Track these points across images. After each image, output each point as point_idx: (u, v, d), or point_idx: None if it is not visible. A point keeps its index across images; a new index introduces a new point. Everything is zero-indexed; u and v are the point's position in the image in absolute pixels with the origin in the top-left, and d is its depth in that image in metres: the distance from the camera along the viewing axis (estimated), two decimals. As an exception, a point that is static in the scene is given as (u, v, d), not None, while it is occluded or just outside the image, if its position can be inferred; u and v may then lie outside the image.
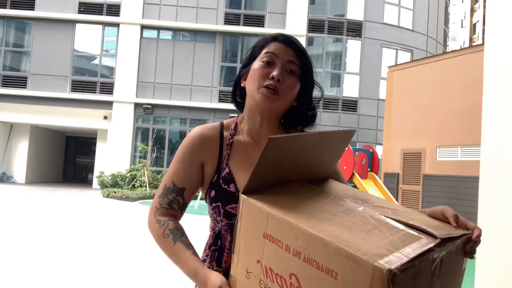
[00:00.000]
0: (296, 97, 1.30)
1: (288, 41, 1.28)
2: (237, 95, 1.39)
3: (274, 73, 1.23)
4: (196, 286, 1.27)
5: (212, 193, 1.26)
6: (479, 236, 0.95)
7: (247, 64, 1.33)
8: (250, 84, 1.27)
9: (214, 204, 1.25)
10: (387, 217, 0.92)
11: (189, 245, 1.19)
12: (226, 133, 1.33)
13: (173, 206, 1.27)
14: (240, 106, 1.38)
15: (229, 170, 1.27)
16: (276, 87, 1.23)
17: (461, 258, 0.94)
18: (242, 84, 1.33)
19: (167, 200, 1.26)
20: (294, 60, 1.26)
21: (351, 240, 0.82)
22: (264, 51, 1.28)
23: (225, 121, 1.37)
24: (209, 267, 1.21)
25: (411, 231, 0.87)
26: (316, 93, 1.37)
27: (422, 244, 0.82)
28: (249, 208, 0.98)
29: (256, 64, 1.27)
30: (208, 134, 1.31)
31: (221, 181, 1.26)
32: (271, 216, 0.93)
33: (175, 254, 1.19)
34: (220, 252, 1.23)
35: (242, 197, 1.00)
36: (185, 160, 1.29)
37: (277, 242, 0.91)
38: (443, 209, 0.99)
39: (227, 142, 1.31)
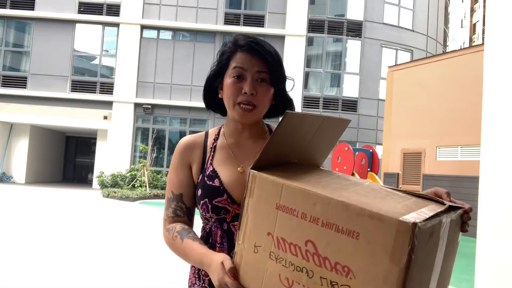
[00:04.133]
0: (272, 98, 1.34)
1: (252, 49, 1.28)
2: (213, 104, 1.42)
3: (246, 88, 1.26)
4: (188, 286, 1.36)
5: (199, 192, 1.31)
6: (471, 209, 1.00)
7: (217, 72, 1.35)
8: (226, 100, 1.32)
9: (202, 202, 1.30)
10: (392, 189, 0.97)
11: (196, 239, 1.25)
12: (210, 139, 1.41)
13: (177, 213, 1.34)
14: (220, 112, 1.43)
15: (212, 168, 1.33)
16: (250, 102, 1.27)
17: (457, 230, 0.98)
18: (219, 95, 1.36)
19: (171, 209, 1.35)
20: (262, 69, 1.28)
21: (370, 202, 0.86)
22: (232, 65, 1.30)
23: (210, 130, 1.45)
24: None
25: (420, 199, 0.93)
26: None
27: (434, 208, 0.88)
28: (260, 182, 1.01)
29: (227, 79, 1.30)
30: (192, 141, 1.40)
31: (205, 179, 1.32)
32: (285, 186, 0.96)
33: (184, 250, 1.24)
34: (211, 248, 1.27)
35: (253, 172, 1.03)
36: (176, 168, 1.38)
37: (291, 212, 0.94)
38: (435, 189, 1.03)
39: (211, 146, 1.39)
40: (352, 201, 0.86)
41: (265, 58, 1.28)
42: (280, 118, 1.38)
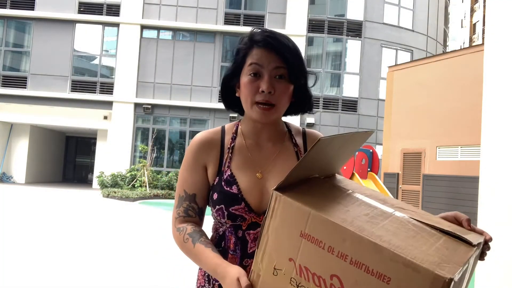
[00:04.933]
0: (292, 95, 1.28)
1: (269, 45, 1.23)
2: (232, 103, 1.36)
3: (263, 87, 1.21)
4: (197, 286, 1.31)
5: (215, 196, 1.26)
6: (491, 239, 1.01)
7: (234, 71, 1.29)
8: (243, 100, 1.27)
9: (217, 207, 1.25)
10: (419, 221, 0.95)
11: (208, 244, 1.21)
12: (227, 137, 1.34)
13: (189, 213, 1.30)
14: (239, 111, 1.37)
15: (230, 172, 1.27)
16: (268, 100, 1.22)
17: (476, 260, 0.99)
18: (237, 94, 1.31)
19: (183, 208, 1.30)
20: (280, 65, 1.22)
21: (403, 246, 0.85)
22: (248, 62, 1.24)
23: (226, 125, 1.38)
24: None
25: (448, 238, 0.91)
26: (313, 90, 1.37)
27: (464, 251, 0.89)
28: (285, 205, 0.97)
29: (244, 77, 1.25)
30: (208, 138, 1.33)
31: (223, 183, 1.26)
32: (312, 216, 0.93)
33: (196, 255, 1.20)
34: (223, 253, 1.23)
35: (276, 193, 0.99)
36: (190, 167, 1.31)
37: (317, 243, 0.91)
38: (456, 214, 1.04)
39: (228, 146, 1.32)
40: (385, 244, 0.84)
41: (282, 53, 1.22)
42: (300, 116, 1.37)
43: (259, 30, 1.28)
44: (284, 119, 1.40)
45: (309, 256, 0.92)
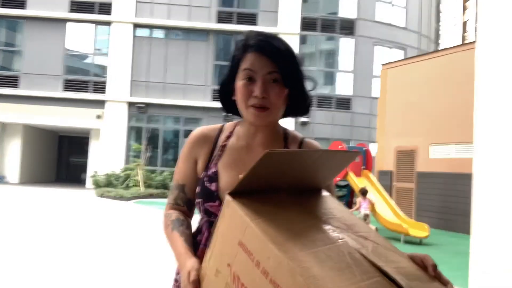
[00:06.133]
0: (287, 99, 1.29)
1: (262, 49, 1.23)
2: (231, 106, 1.36)
3: (256, 92, 1.22)
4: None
5: (197, 189, 1.32)
6: None
7: (230, 76, 1.30)
8: (239, 103, 1.28)
9: (197, 200, 1.32)
10: (364, 256, 0.90)
11: (183, 233, 1.25)
12: (223, 135, 1.37)
13: (177, 202, 1.36)
14: (238, 113, 1.37)
15: (216, 169, 1.31)
16: (262, 104, 1.23)
17: None
18: (233, 98, 1.31)
19: (173, 196, 1.37)
20: (273, 70, 1.23)
21: (320, 277, 0.81)
22: (242, 67, 1.25)
23: (227, 124, 1.41)
24: None
25: (382, 280, 0.85)
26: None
27: None
28: (232, 211, 0.97)
29: (239, 82, 1.26)
30: (204, 134, 1.38)
31: (206, 178, 1.30)
32: (249, 227, 0.92)
33: (171, 241, 1.26)
34: (196, 246, 1.28)
35: (228, 198, 0.98)
36: (184, 158, 1.38)
37: (249, 254, 0.90)
38: (424, 257, 0.97)
39: (221, 144, 1.36)
40: (302, 270, 0.81)
41: (275, 58, 1.23)
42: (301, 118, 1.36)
43: (254, 33, 1.28)
44: (280, 121, 1.40)
45: (241, 266, 0.92)
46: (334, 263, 0.86)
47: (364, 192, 9.30)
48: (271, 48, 1.24)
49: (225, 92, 1.34)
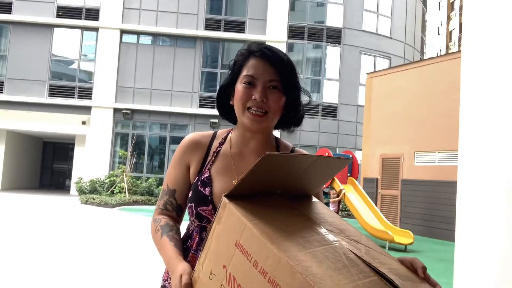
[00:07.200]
0: (283, 107, 1.32)
1: (265, 56, 1.27)
2: (226, 111, 1.40)
3: (256, 95, 1.25)
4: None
5: (190, 194, 1.33)
6: None
7: (230, 81, 1.34)
8: (236, 106, 1.31)
9: (189, 204, 1.32)
10: (358, 257, 0.93)
11: (173, 239, 1.25)
12: (216, 142, 1.39)
13: (167, 207, 1.36)
14: (232, 119, 1.41)
15: (209, 174, 1.32)
16: (261, 107, 1.26)
17: None
18: (231, 102, 1.35)
19: (163, 201, 1.37)
20: (274, 78, 1.27)
21: (319, 276, 0.83)
22: (244, 72, 1.28)
23: (219, 131, 1.44)
24: None
25: (378, 280, 0.88)
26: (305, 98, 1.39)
27: None
28: (228, 213, 0.98)
29: (239, 85, 1.29)
30: (197, 140, 1.39)
31: (199, 183, 1.31)
32: (247, 228, 0.93)
33: (160, 247, 1.25)
34: (186, 252, 1.28)
35: (224, 200, 1.00)
36: (175, 163, 1.38)
37: (247, 255, 0.91)
38: (413, 260, 1.01)
39: (214, 150, 1.37)
40: (301, 269, 0.83)
41: (277, 66, 1.27)
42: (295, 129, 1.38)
43: (257, 43, 1.33)
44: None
45: (238, 267, 0.93)
46: (331, 262, 0.88)
47: (338, 195, 10.07)
48: (273, 55, 1.28)
49: (223, 96, 1.38)
